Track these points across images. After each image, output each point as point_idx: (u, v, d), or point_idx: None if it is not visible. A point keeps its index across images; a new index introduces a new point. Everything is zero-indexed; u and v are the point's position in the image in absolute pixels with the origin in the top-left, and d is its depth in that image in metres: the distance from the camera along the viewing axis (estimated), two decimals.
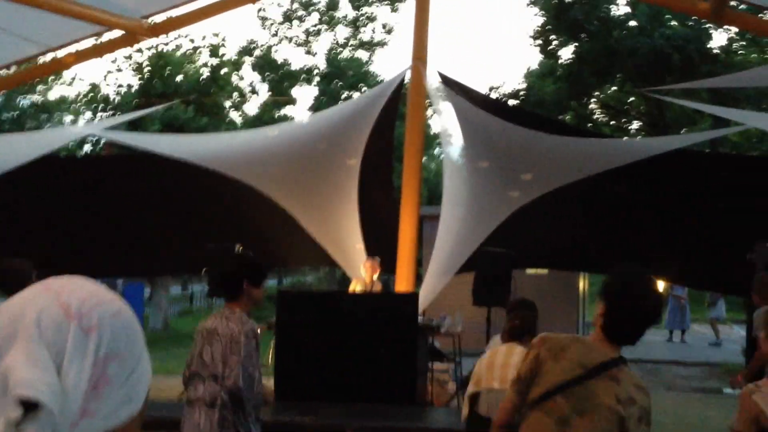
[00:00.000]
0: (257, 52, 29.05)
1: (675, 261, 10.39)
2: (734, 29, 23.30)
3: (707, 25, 23.40)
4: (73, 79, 29.59)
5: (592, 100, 28.02)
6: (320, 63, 30.26)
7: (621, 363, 3.04)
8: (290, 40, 29.48)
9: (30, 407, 0.98)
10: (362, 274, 10.40)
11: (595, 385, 2.96)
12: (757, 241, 7.99)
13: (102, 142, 19.82)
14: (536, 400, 3.01)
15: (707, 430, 6.43)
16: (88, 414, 1.05)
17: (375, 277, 10.39)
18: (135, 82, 24.68)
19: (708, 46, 23.87)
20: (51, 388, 1.00)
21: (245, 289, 4.32)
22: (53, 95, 30.63)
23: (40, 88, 29.53)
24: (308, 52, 29.81)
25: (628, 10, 24.89)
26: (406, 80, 10.87)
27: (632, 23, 24.42)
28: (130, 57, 24.38)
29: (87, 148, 23.06)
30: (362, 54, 30.91)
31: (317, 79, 29.63)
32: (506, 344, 5.18)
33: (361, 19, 29.78)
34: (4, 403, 0.99)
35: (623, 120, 29.64)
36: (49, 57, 11.05)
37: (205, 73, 25.55)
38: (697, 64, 22.05)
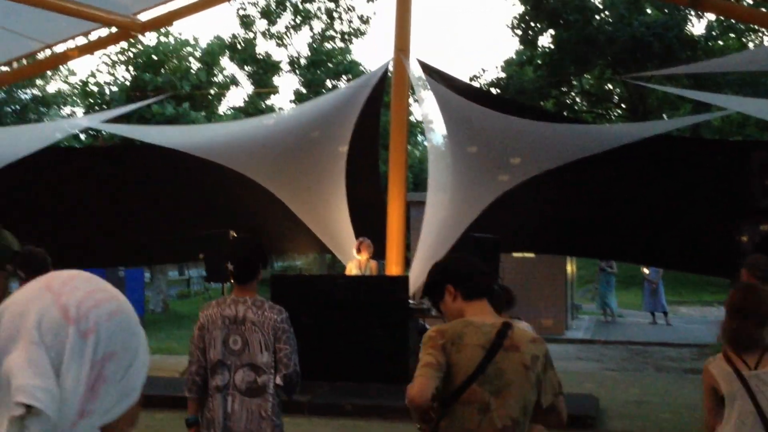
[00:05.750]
0: (238, 47, 29.18)
1: (655, 244, 10.63)
2: (712, 16, 23.57)
3: (686, 12, 23.64)
4: (69, 73, 30.06)
5: (574, 89, 28.18)
6: (302, 53, 30.44)
7: (509, 326, 3.15)
8: (269, 35, 29.59)
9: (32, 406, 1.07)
10: (355, 255, 10.68)
11: (500, 362, 3.06)
12: (744, 221, 8.03)
13: (102, 133, 20.12)
14: (454, 393, 3.07)
15: (697, 410, 6.62)
16: (86, 414, 1.10)
17: (368, 256, 10.68)
18: (128, 76, 24.91)
19: (687, 33, 24.07)
20: (49, 395, 1.05)
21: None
22: (50, 89, 31.12)
23: (39, 82, 29.93)
24: (281, 45, 29.85)
25: None
26: (389, 70, 11.10)
27: (611, 11, 24.59)
28: (123, 52, 24.63)
29: (82, 138, 23.22)
30: (340, 44, 31.03)
31: (300, 68, 29.73)
32: None
33: (337, 9, 29.87)
34: (8, 401, 1.05)
35: (604, 107, 29.85)
36: (47, 53, 11.39)
37: (195, 66, 25.80)
38: (676, 51, 22.23)
